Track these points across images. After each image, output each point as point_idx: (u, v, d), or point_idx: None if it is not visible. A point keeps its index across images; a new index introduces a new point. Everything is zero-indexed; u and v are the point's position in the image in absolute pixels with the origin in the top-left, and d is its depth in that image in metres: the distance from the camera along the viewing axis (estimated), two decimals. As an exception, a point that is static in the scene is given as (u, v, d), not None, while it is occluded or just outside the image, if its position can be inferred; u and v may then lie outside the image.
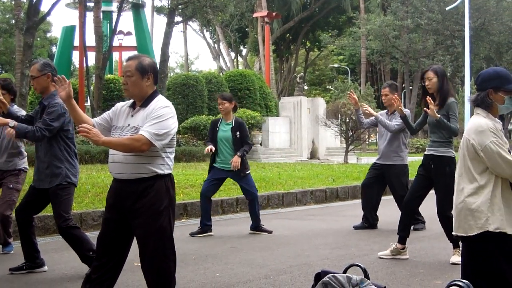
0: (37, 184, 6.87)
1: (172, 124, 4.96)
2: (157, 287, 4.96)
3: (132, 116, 5.02)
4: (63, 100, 5.13)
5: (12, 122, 6.69)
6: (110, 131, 5.09)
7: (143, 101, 5.03)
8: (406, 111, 9.61)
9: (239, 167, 9.51)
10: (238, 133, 9.62)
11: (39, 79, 6.83)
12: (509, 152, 4.42)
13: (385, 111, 10.17)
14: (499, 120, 4.47)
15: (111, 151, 4.98)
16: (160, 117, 4.89)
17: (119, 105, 5.22)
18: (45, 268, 7.04)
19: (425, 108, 7.61)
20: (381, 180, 10.26)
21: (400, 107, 8.34)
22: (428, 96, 7.50)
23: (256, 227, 9.90)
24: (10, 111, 7.00)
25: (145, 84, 5.01)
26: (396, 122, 9.60)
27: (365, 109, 9.66)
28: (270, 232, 9.82)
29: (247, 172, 9.81)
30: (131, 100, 5.15)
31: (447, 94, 7.68)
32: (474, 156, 4.38)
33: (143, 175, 4.92)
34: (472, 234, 4.39)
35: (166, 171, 5.01)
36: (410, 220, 8.19)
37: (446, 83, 7.70)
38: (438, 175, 7.58)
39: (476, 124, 4.41)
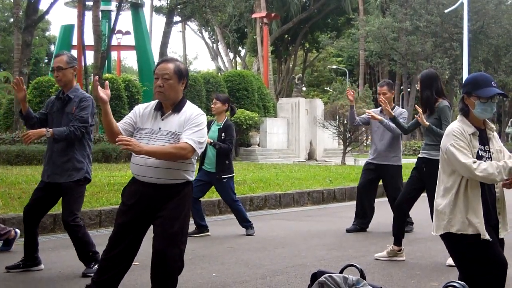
0: (51, 179, 6.73)
1: (206, 132, 5.18)
2: (160, 286, 5.01)
3: (163, 119, 5.04)
4: (102, 103, 4.94)
5: (48, 132, 6.57)
6: (132, 135, 5.10)
7: (175, 106, 5.06)
8: (403, 111, 9.65)
9: (211, 141, 9.22)
10: (223, 134, 9.49)
11: (66, 71, 6.72)
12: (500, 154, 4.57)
13: (378, 109, 10.10)
14: (471, 125, 4.54)
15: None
16: (200, 124, 5.00)
17: (140, 107, 5.21)
18: (42, 266, 7.00)
19: (416, 116, 7.73)
20: (376, 182, 10.24)
21: (387, 108, 8.38)
22: (416, 105, 7.66)
23: (246, 227, 9.84)
24: (28, 110, 6.88)
25: (180, 88, 5.07)
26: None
27: (369, 114, 9.53)
28: (251, 234, 9.74)
29: (223, 176, 9.52)
30: (153, 103, 5.17)
31: (425, 100, 7.73)
32: (444, 158, 4.55)
33: (176, 181, 5.02)
34: (439, 234, 4.59)
35: (192, 178, 5.16)
36: (404, 221, 8.20)
37: (424, 89, 7.73)
38: (430, 177, 7.56)
39: (447, 129, 4.60)
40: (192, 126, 4.95)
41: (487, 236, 4.40)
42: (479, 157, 4.43)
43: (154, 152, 4.87)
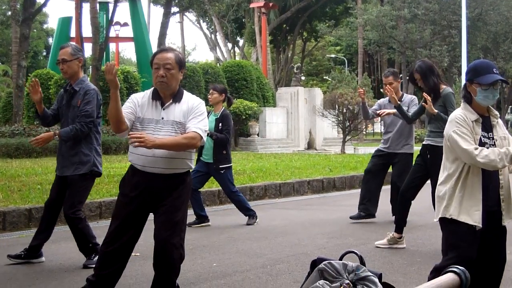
0: (61, 172, 6.75)
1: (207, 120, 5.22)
2: (163, 275, 5.05)
3: (164, 109, 5.04)
4: (116, 88, 4.83)
5: (55, 137, 6.60)
6: (133, 124, 5.08)
7: (175, 95, 5.07)
8: (413, 97, 9.58)
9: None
10: (220, 124, 9.48)
11: (71, 63, 6.67)
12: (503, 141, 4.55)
13: (385, 99, 10.04)
14: (474, 112, 4.54)
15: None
16: (204, 113, 5.07)
17: (137, 96, 5.18)
18: (43, 259, 6.99)
19: (422, 103, 7.70)
20: (385, 169, 10.13)
21: (393, 96, 8.34)
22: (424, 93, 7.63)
23: (249, 215, 9.84)
24: (44, 111, 6.88)
25: (179, 77, 5.07)
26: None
27: (385, 113, 9.41)
28: (251, 224, 9.72)
29: (221, 167, 9.51)
30: (148, 92, 5.16)
31: (433, 87, 7.69)
32: (447, 145, 4.57)
33: (182, 170, 5.09)
34: (436, 220, 4.66)
35: (193, 166, 5.27)
36: (407, 209, 8.17)
37: (428, 77, 7.69)
38: (434, 164, 7.55)
39: (450, 116, 4.63)
40: (197, 115, 4.99)
41: (479, 225, 4.42)
42: (481, 144, 4.43)
43: (165, 145, 4.89)
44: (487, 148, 4.40)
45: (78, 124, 6.54)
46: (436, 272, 4.56)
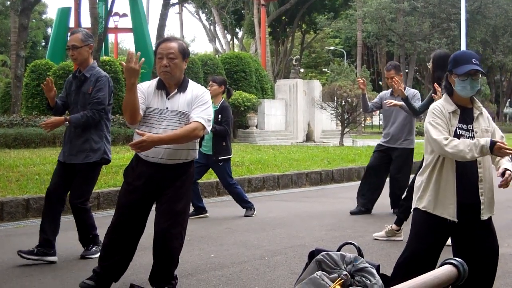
0: (68, 159, 6.62)
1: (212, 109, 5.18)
2: (162, 265, 5.07)
3: (169, 99, 5.03)
4: (136, 75, 4.79)
5: (66, 123, 6.54)
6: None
7: (180, 85, 5.05)
8: (415, 92, 9.53)
9: None
10: (220, 116, 9.47)
11: (81, 49, 6.58)
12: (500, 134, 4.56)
13: (387, 92, 9.99)
14: (453, 104, 4.52)
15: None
16: (207, 102, 5.05)
17: (143, 86, 5.15)
18: (55, 258, 6.64)
19: (433, 94, 7.64)
20: (388, 163, 9.96)
21: (400, 88, 8.31)
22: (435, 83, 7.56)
23: (246, 208, 9.84)
24: (56, 103, 6.80)
25: (183, 67, 5.06)
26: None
27: (390, 104, 9.30)
28: (249, 215, 9.72)
29: (220, 158, 9.51)
30: (154, 81, 5.14)
31: (437, 81, 7.62)
32: (425, 137, 4.55)
33: (186, 160, 5.09)
34: (412, 209, 4.67)
35: (197, 156, 5.26)
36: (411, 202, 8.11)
37: (437, 69, 7.62)
38: None
39: (429, 107, 4.61)
40: (200, 104, 4.98)
41: (454, 219, 4.40)
42: (456, 136, 4.37)
43: (169, 140, 4.88)
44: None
45: (89, 112, 6.48)
46: (400, 267, 4.60)
